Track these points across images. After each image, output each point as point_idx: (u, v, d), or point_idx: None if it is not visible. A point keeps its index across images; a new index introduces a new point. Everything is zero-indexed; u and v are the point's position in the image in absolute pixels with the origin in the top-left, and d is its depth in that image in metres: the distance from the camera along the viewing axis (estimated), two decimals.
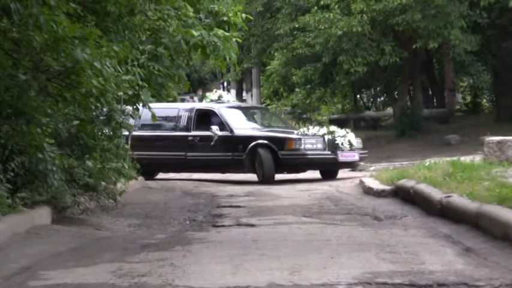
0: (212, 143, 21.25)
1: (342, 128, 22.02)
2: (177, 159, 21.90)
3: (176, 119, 22.33)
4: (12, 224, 9.25)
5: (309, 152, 20.49)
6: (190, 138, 21.75)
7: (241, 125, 21.83)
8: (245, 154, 20.68)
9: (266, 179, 20.04)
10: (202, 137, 21.61)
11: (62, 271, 7.41)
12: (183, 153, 21.72)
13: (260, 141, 20.72)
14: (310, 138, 20.71)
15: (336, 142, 20.50)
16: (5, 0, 9.28)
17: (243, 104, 26.84)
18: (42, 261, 7.93)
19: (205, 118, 21.89)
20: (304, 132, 21.30)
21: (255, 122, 23.08)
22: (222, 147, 21.21)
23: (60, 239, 9.58)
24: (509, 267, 7.03)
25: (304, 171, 21.31)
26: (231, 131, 21.30)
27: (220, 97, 23.90)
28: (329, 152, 20.54)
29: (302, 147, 20.48)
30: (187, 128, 21.93)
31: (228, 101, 23.96)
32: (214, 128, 21.23)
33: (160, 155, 21.88)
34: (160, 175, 22.84)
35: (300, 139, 20.66)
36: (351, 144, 20.66)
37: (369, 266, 7.25)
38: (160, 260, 7.94)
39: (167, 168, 22.84)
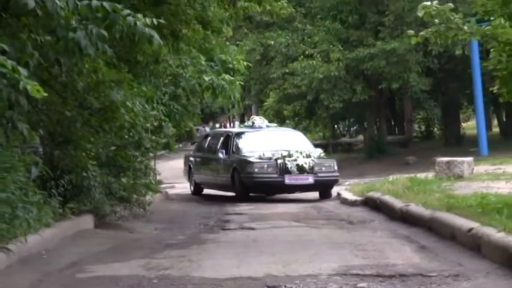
0: (220, 166, 18.86)
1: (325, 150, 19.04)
2: (211, 179, 19.62)
3: (216, 143, 19.96)
4: (63, 228, 9.27)
5: (258, 175, 17.06)
6: (214, 160, 19.25)
7: (243, 149, 18.44)
8: (230, 176, 18.01)
9: (238, 198, 17.35)
10: (219, 159, 19.10)
11: (102, 266, 7.43)
12: (216, 173, 19.22)
13: (235, 164, 17.89)
14: (262, 162, 17.24)
15: (287, 166, 17.01)
16: (56, 55, 9.36)
17: (268, 128, 20.09)
18: (86, 258, 7.94)
19: (226, 142, 19.29)
20: (261, 156, 17.49)
21: (265, 145, 18.25)
22: (224, 169, 18.53)
23: (101, 240, 9.58)
24: (456, 261, 7.04)
25: (255, 192, 17.76)
26: (229, 154, 18.49)
27: (253, 122, 20.30)
28: (276, 175, 17.04)
29: (254, 170, 17.15)
30: (217, 151, 19.22)
31: (257, 124, 19.92)
32: (220, 151, 18.95)
33: (207, 175, 19.90)
34: None
35: (251, 163, 17.32)
36: (301, 167, 17.02)
37: (345, 261, 7.25)
38: (180, 256, 7.94)
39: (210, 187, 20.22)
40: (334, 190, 17.76)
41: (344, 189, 17.77)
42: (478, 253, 7.30)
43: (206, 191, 20.63)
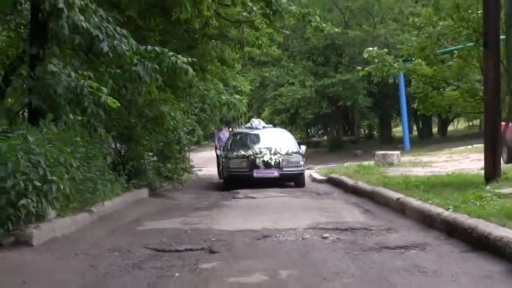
0: (220, 161, 16.20)
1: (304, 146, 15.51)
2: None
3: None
4: (127, 197, 9.24)
5: (233, 170, 13.83)
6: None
7: (234, 147, 14.75)
8: (221, 169, 15.62)
9: (225, 188, 13.70)
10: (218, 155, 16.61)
11: (153, 221, 7.40)
12: (220, 167, 16.08)
13: (223, 160, 15.03)
14: (236, 159, 13.97)
15: (255, 162, 13.73)
16: (123, 82, 9.36)
17: (262, 129, 15.98)
18: (143, 217, 7.92)
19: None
20: (238, 154, 14.08)
21: (254, 143, 14.83)
22: (221, 164, 15.66)
23: (152, 205, 9.55)
24: (388, 220, 7.01)
25: (231, 183, 13.76)
26: (223, 151, 15.28)
27: (252, 123, 16.53)
28: (247, 170, 13.75)
29: (230, 165, 13.94)
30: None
31: (254, 125, 16.14)
32: (219, 148, 16.68)
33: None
34: None
35: (229, 159, 14.11)
36: (266, 163, 13.70)
37: (314, 219, 7.22)
38: (206, 216, 7.91)
39: None
40: (307, 173, 17.66)
41: (314, 172, 17.76)
42: (403, 215, 7.27)
43: None
